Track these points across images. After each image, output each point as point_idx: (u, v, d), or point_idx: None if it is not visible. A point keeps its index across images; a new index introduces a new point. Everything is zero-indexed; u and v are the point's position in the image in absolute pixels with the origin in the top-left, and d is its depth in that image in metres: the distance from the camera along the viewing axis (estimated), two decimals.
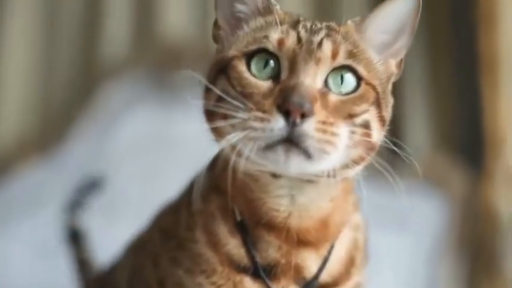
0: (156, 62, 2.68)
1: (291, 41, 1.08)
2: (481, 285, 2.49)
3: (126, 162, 2.50)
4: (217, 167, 1.18)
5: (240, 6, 1.17)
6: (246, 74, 1.08)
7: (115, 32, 2.76)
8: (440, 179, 2.51)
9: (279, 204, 1.13)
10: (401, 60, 1.20)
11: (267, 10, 1.16)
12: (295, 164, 1.03)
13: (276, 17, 1.13)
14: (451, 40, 2.73)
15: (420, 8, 1.16)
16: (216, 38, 1.19)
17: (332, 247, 1.19)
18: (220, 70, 1.11)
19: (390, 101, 1.17)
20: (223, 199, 1.18)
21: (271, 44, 1.08)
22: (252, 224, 1.16)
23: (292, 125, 1.01)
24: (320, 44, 1.08)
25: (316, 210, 1.15)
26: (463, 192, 2.54)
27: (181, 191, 1.29)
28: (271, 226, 1.15)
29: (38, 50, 2.80)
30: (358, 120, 1.07)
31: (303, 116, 1.00)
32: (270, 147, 1.02)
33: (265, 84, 1.07)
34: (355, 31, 1.15)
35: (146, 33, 2.80)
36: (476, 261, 2.51)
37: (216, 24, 1.19)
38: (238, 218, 1.17)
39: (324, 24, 1.14)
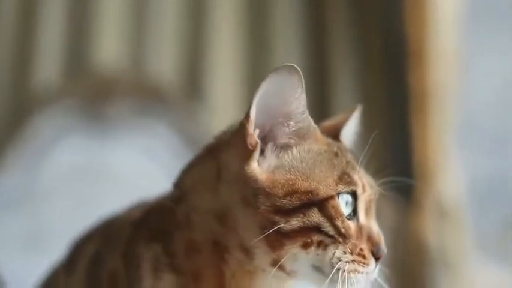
0: (88, 93, 2.65)
1: (367, 186, 1.14)
2: None
3: (56, 195, 2.46)
4: (177, 246, 1.16)
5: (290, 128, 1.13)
6: (344, 216, 1.10)
7: (46, 62, 2.73)
8: None
9: None
10: None
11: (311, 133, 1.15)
12: None
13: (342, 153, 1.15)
14: (383, 74, 2.78)
15: None
16: (252, 139, 1.10)
17: None
18: (312, 203, 1.08)
19: None
20: (179, 278, 1.16)
21: (360, 189, 1.12)
22: None
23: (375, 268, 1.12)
24: (374, 185, 1.17)
25: None
26: (393, 223, 2.57)
27: (113, 256, 1.24)
28: None
29: None
30: None
31: None
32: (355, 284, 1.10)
33: (353, 226, 1.11)
34: None
35: (78, 64, 2.77)
36: None
37: (248, 120, 1.10)
38: None
39: (349, 149, 1.22)
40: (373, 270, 1.11)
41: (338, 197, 1.09)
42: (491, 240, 2.64)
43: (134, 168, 2.48)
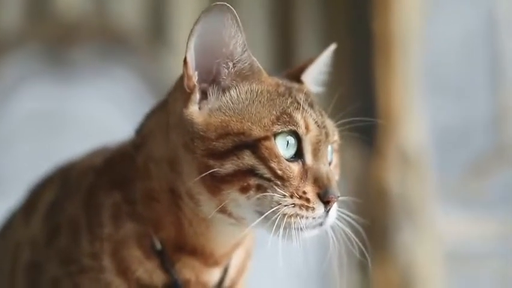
0: (51, 37, 2.62)
1: (312, 126, 1.08)
2: (373, 260, 2.55)
3: (18, 139, 2.44)
4: (137, 194, 1.15)
5: (225, 70, 1.10)
6: (282, 158, 1.05)
7: (8, 6, 2.68)
8: None
9: (220, 240, 1.15)
10: None
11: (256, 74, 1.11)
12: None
13: (284, 90, 1.12)
14: (347, 19, 2.77)
15: None
16: (190, 82, 1.08)
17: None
18: (244, 145, 1.05)
19: None
20: (139, 226, 1.15)
21: (301, 129, 1.07)
22: (173, 249, 1.15)
23: (327, 212, 1.07)
24: (328, 126, 1.11)
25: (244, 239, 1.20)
26: (356, 170, 2.59)
27: (73, 203, 1.22)
28: (198, 253, 1.15)
29: None
30: None
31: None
32: (302, 229, 1.06)
33: (296, 168, 1.06)
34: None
35: (41, 7, 2.73)
36: (368, 238, 2.56)
37: (186, 64, 1.08)
38: (159, 247, 1.14)
39: (305, 89, 1.16)
40: (322, 215, 1.07)
41: (275, 138, 1.05)
42: (453, 187, 2.68)
43: (97, 113, 2.47)
